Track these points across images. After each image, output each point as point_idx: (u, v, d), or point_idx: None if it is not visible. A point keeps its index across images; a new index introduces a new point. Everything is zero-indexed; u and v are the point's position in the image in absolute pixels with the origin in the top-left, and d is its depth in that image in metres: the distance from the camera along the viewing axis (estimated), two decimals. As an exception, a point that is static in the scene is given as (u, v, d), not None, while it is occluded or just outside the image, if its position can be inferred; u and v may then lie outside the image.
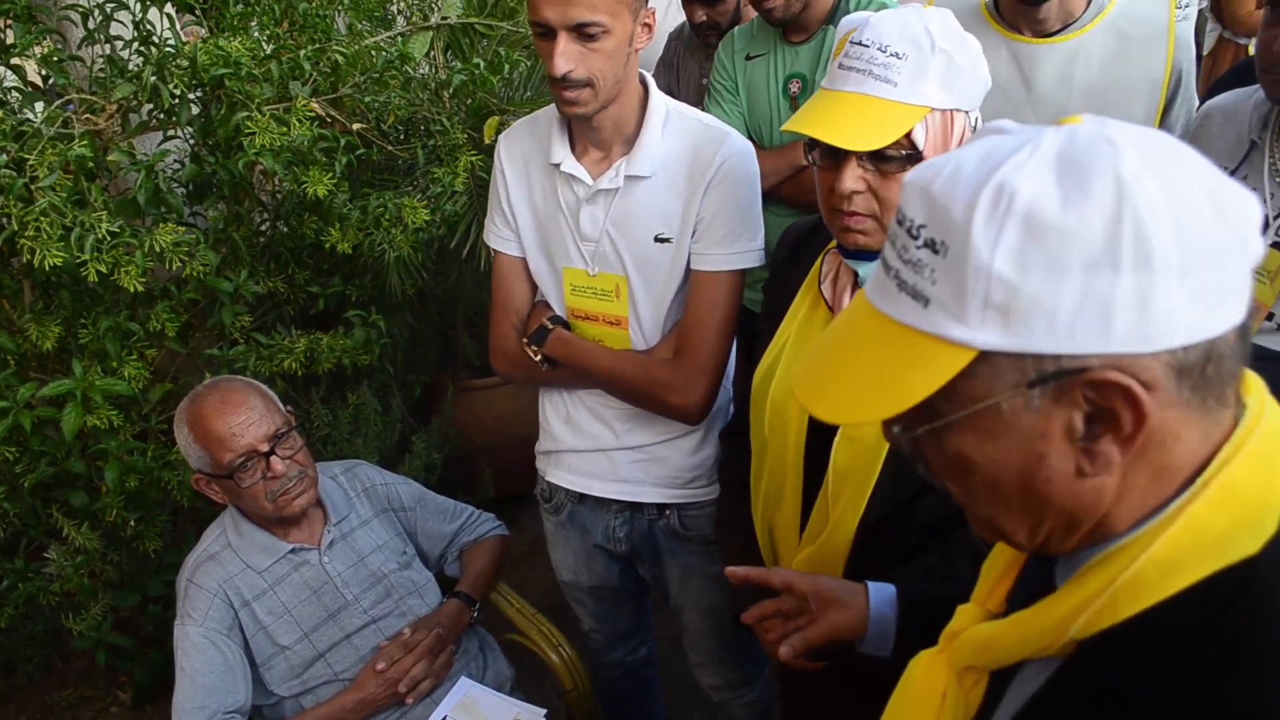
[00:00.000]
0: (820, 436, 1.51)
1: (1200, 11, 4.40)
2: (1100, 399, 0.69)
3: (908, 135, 1.35)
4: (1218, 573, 0.71)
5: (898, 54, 1.33)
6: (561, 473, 2.10)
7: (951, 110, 1.37)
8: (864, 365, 0.78)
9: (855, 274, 1.48)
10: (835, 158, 1.39)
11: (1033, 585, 0.86)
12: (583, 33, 1.62)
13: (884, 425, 0.84)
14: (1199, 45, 4.16)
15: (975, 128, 1.41)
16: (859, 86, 1.35)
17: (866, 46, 1.35)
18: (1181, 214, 0.66)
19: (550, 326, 1.93)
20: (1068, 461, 0.73)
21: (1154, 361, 0.68)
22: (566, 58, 1.63)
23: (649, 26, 1.71)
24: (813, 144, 1.43)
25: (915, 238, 0.74)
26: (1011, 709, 0.86)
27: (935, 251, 0.72)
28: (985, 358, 0.71)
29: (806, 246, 1.66)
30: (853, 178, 1.38)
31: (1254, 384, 0.77)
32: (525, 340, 1.95)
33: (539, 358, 1.94)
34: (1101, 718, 0.75)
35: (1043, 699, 0.82)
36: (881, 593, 1.33)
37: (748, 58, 2.64)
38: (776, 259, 1.75)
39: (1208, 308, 0.68)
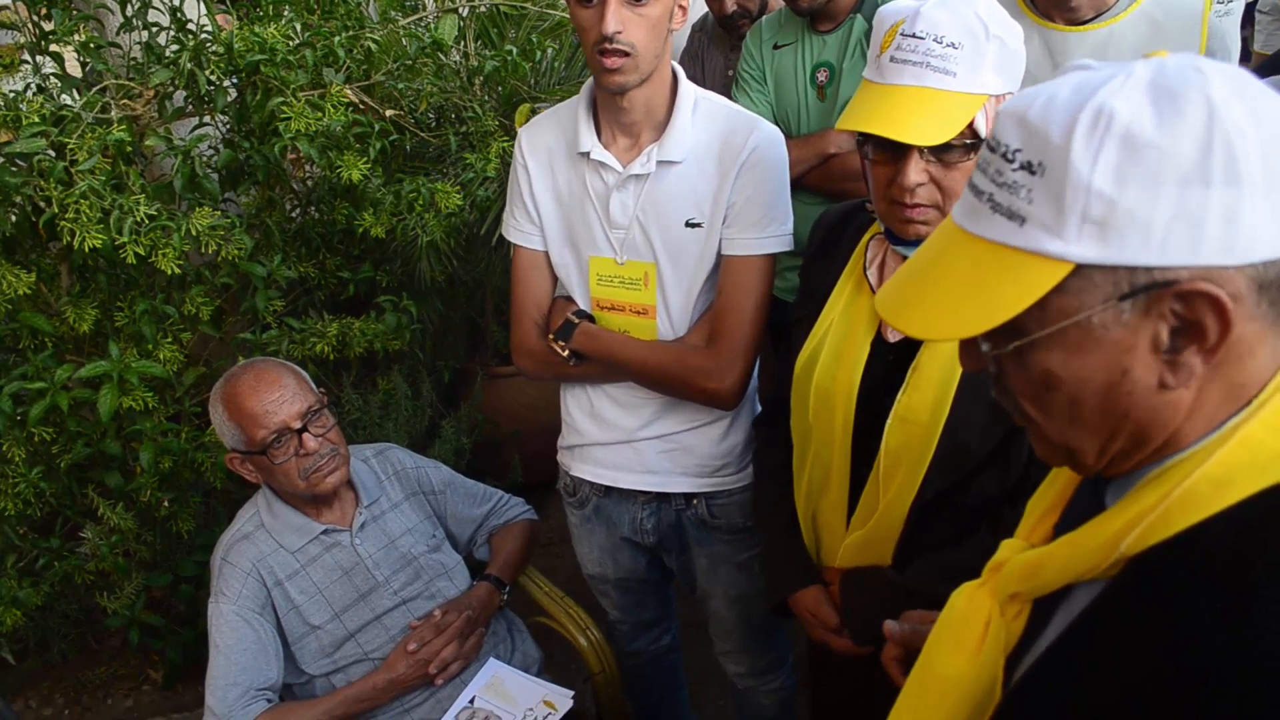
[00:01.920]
0: (867, 421, 1.51)
1: (1254, 9, 4.29)
2: (1187, 311, 0.72)
3: (969, 124, 1.34)
4: (1270, 488, 0.74)
5: (954, 44, 1.32)
6: (587, 466, 2.10)
7: (1005, 94, 1.37)
8: (956, 283, 0.81)
9: (904, 259, 1.48)
10: (894, 152, 1.38)
11: (1081, 514, 0.87)
12: None
13: (966, 348, 0.86)
14: (1247, 40, 4.09)
15: None
16: (918, 79, 1.34)
17: (921, 38, 1.34)
18: (1265, 136, 0.70)
19: (576, 320, 1.93)
20: (1151, 374, 0.76)
21: (1237, 275, 0.71)
22: (618, 17, 1.64)
23: (684, 8, 1.72)
24: (865, 139, 1.42)
25: (1010, 161, 0.77)
26: (1056, 633, 0.87)
27: (1032, 172, 0.75)
28: (1079, 272, 0.74)
29: (842, 232, 1.66)
30: (917, 171, 1.37)
31: None
32: (551, 336, 1.94)
33: (566, 353, 1.93)
34: (1150, 634, 0.77)
35: (1091, 617, 0.84)
36: None
37: (775, 47, 2.63)
38: (811, 245, 1.75)
39: None
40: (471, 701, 2.02)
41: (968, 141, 1.35)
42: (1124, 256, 0.72)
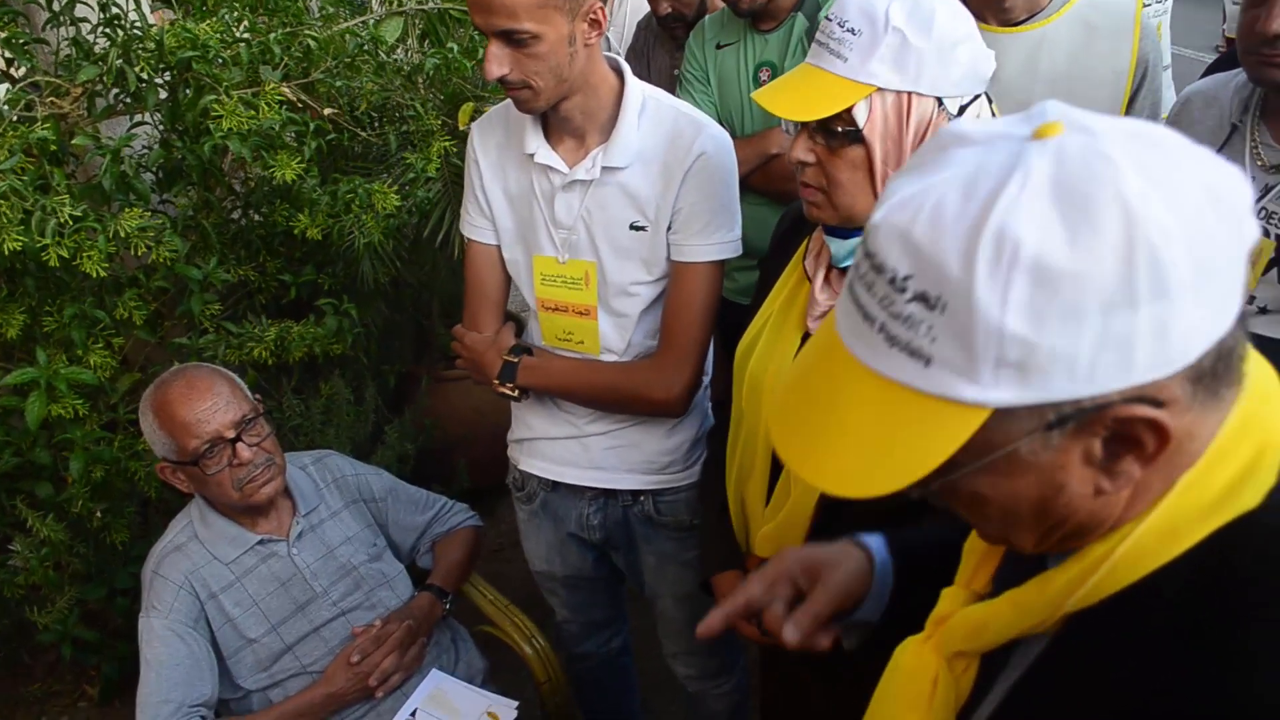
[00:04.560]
0: None
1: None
2: (1121, 428, 0.67)
3: (849, 111, 1.34)
4: (1217, 530, 0.70)
5: (853, 30, 1.33)
6: (534, 461, 2.08)
7: (908, 93, 1.34)
8: (864, 431, 0.71)
9: (831, 253, 1.48)
10: (796, 129, 1.43)
11: (1022, 564, 0.84)
12: (511, 39, 1.60)
13: None
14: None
15: (956, 117, 1.38)
16: (816, 59, 1.37)
17: (830, 21, 1.36)
18: (1190, 228, 0.62)
19: (515, 360, 1.92)
20: (1087, 484, 0.71)
21: (1172, 381, 0.65)
22: (497, 62, 1.62)
23: (597, 22, 1.66)
24: None
25: (902, 290, 0.67)
26: (1006, 688, 0.84)
27: (930, 307, 0.65)
28: (1000, 411, 0.66)
29: (803, 227, 1.66)
30: (803, 149, 1.40)
31: None
32: (495, 381, 1.92)
33: (516, 393, 1.93)
34: (1101, 684, 0.74)
35: (1040, 670, 0.81)
36: (874, 540, 1.22)
37: (718, 46, 2.62)
38: (775, 237, 1.76)
39: (1217, 312, 0.65)
40: (413, 714, 1.98)
41: (844, 129, 1.36)
42: (1047, 394, 0.65)
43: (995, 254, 0.62)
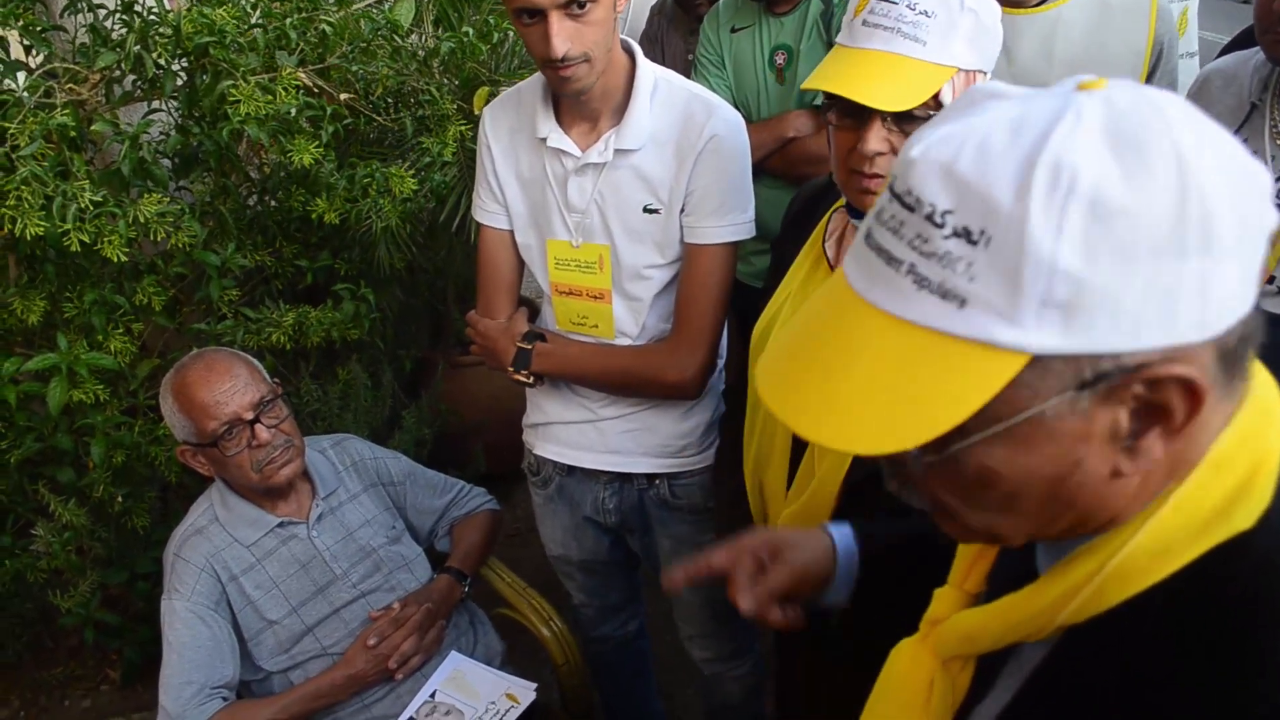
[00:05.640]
0: None
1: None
2: (1152, 394, 0.64)
3: (935, 96, 1.32)
4: (1210, 551, 0.68)
5: (927, 12, 1.30)
6: (550, 445, 2.09)
7: (976, 71, 1.35)
8: (882, 382, 0.66)
9: None
10: (857, 118, 1.36)
11: (1014, 566, 0.83)
12: (572, 8, 1.59)
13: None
14: None
15: None
16: (887, 44, 1.32)
17: (895, 4, 1.32)
18: (1235, 190, 0.60)
19: (529, 346, 1.92)
20: (1105, 463, 0.67)
21: (1204, 349, 0.63)
22: (563, 37, 1.60)
23: None
24: (830, 103, 1.39)
25: (940, 225, 0.63)
26: (1005, 693, 0.83)
27: (973, 242, 0.62)
28: (1036, 361, 0.62)
29: (817, 206, 1.65)
30: (878, 139, 1.34)
31: None
32: (510, 368, 1.93)
33: (531, 380, 1.93)
34: (1096, 701, 0.73)
35: (1036, 684, 0.79)
36: (840, 528, 1.25)
37: (733, 30, 2.61)
38: (787, 218, 1.74)
39: (1249, 283, 0.63)
40: (433, 696, 1.99)
41: (931, 113, 1.32)
42: (1090, 343, 0.61)
43: (1051, 183, 0.59)
